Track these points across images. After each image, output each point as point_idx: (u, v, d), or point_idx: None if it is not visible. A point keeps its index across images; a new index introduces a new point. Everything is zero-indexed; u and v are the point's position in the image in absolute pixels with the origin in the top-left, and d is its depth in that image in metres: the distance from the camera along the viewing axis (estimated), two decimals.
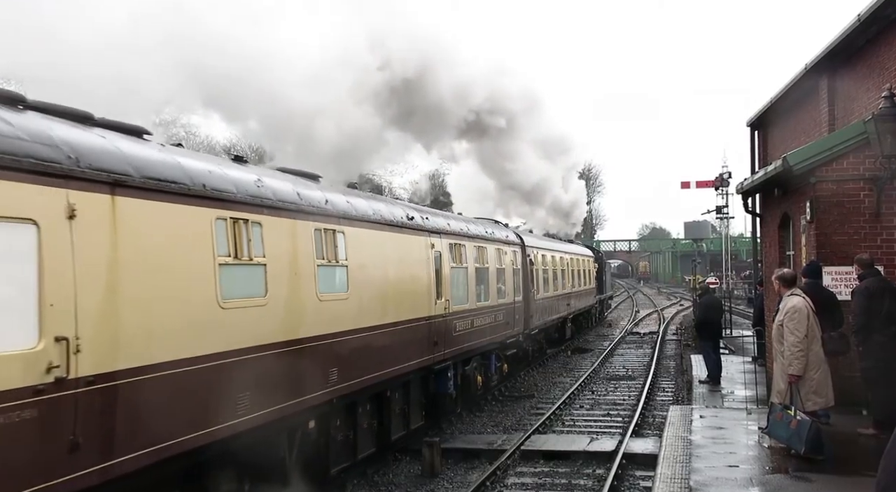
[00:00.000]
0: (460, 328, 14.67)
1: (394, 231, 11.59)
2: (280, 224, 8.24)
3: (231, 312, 7.23)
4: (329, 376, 9.21)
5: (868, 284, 9.92)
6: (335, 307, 9.41)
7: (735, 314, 29.65)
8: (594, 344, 30.17)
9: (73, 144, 5.57)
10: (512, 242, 19.43)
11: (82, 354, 5.39)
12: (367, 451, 10.96)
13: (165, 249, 6.41)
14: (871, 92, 13.01)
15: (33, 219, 5.11)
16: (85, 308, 5.45)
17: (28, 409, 4.90)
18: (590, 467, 11.90)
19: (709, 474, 8.50)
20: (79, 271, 5.42)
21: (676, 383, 19.61)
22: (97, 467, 5.47)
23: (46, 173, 5.18)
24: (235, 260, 7.34)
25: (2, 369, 4.69)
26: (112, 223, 5.80)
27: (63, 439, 5.18)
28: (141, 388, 5.99)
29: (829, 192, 11.77)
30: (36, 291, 5.10)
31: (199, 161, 7.41)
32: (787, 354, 8.70)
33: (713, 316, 17.23)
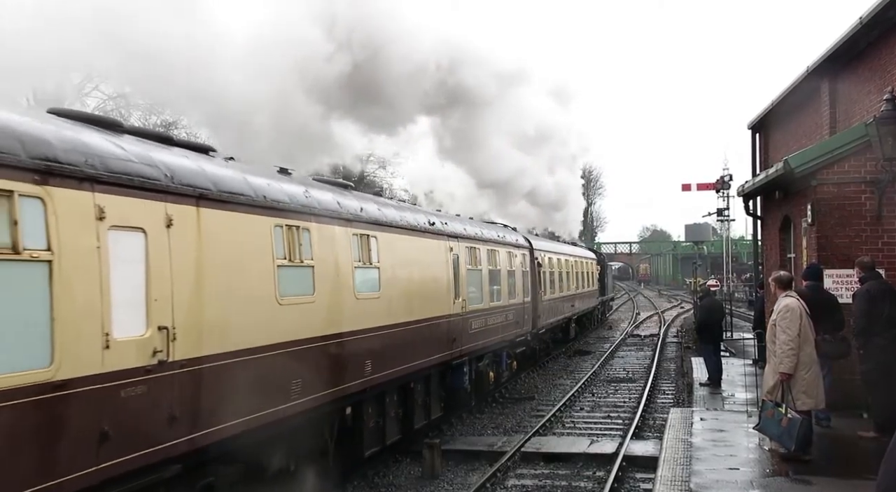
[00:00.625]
0: (475, 327, 15.65)
1: (418, 236, 12.70)
2: (324, 230, 9.34)
3: (287, 308, 8.30)
4: (364, 367, 10.25)
5: (869, 287, 9.92)
6: (369, 305, 10.50)
7: (736, 317, 29.60)
8: (595, 346, 30.17)
9: (168, 163, 6.65)
10: (521, 246, 20.38)
11: (177, 342, 6.46)
12: (394, 437, 11.90)
13: (236, 252, 7.45)
14: (872, 95, 13.03)
15: (142, 228, 6.21)
16: (179, 303, 6.52)
17: (140, 385, 5.99)
18: (590, 469, 11.88)
19: (709, 477, 8.48)
20: (174, 271, 6.48)
21: (677, 386, 19.59)
22: (187, 437, 6.57)
23: (151, 189, 6.25)
24: (290, 262, 8.46)
25: (124, 352, 5.82)
26: (197, 230, 6.86)
27: (164, 412, 6.27)
28: (219, 372, 7.01)
29: (830, 194, 11.77)
30: (144, 288, 6.18)
31: (258, 176, 8.43)
32: (779, 353, 8.76)
33: (714, 318, 17.21)
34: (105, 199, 5.79)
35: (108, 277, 5.78)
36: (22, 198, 5.04)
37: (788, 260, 14.98)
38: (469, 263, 15.40)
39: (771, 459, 9.15)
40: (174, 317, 6.43)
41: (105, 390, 5.67)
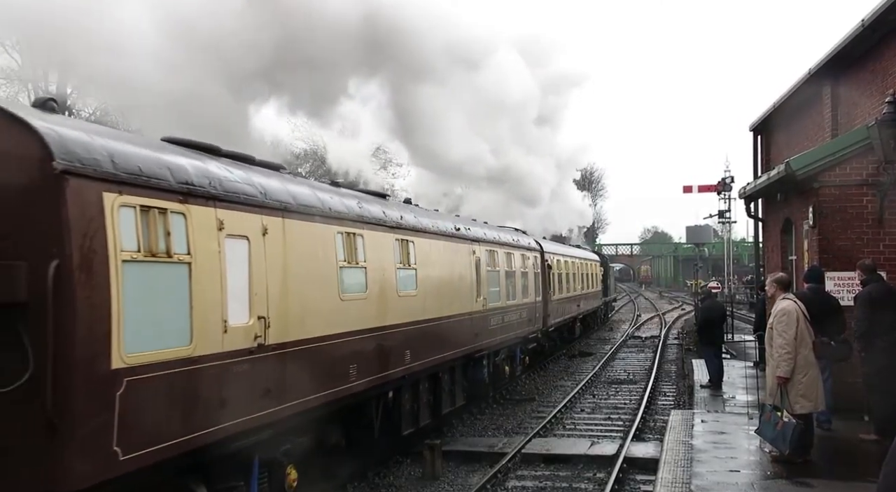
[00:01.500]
0: (494, 323, 16.88)
1: (447, 240, 14.09)
2: (374, 236, 10.66)
3: (347, 303, 9.67)
4: (404, 356, 11.58)
5: (871, 290, 9.89)
6: (408, 302, 11.83)
7: (737, 319, 29.58)
8: (595, 348, 30.12)
9: (262, 183, 8.08)
10: (532, 248, 21.67)
11: (271, 329, 7.76)
12: (426, 421, 13.19)
13: (310, 255, 8.80)
14: (874, 97, 13.01)
15: (246, 236, 7.51)
16: (271, 297, 7.84)
17: (246, 363, 7.31)
18: (591, 471, 11.84)
19: (710, 479, 8.46)
20: (268, 271, 7.81)
21: (678, 388, 19.50)
22: (276, 408, 7.90)
23: (252, 204, 7.61)
24: (349, 264, 9.84)
25: (236, 336, 7.19)
26: (283, 238, 8.19)
27: (261, 386, 7.60)
28: (299, 355, 8.35)
29: (831, 197, 11.75)
30: (248, 285, 7.45)
31: (324, 191, 9.93)
32: (776, 356, 8.74)
33: (715, 320, 17.17)
34: (223, 213, 7.18)
35: (225, 275, 7.11)
36: (172, 214, 6.39)
37: (790, 262, 14.96)
38: (488, 265, 16.65)
39: (772, 461, 9.13)
40: (268, 308, 7.79)
41: (223, 365, 7.05)
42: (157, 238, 6.29)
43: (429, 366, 12.70)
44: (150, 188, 6.21)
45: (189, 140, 7.82)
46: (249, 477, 7.72)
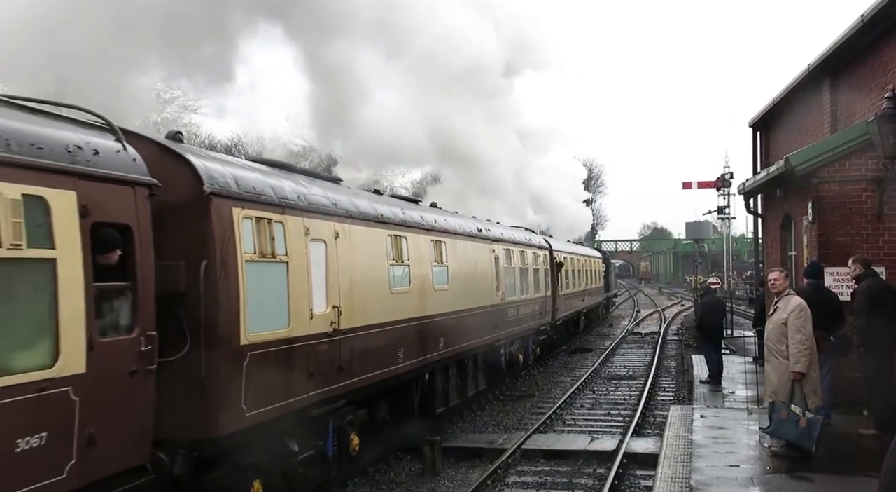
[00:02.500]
0: (511, 316, 18.71)
1: (471, 240, 15.96)
2: (415, 238, 12.53)
3: (395, 296, 11.48)
4: (439, 343, 13.38)
5: (870, 285, 9.96)
6: (442, 296, 13.58)
7: (736, 315, 29.67)
8: (595, 344, 30.22)
9: (333, 196, 9.96)
10: (543, 247, 23.77)
11: (342, 316, 9.55)
12: (455, 401, 15.14)
13: (368, 255, 10.56)
14: (873, 92, 13.05)
15: (324, 239, 9.31)
16: (342, 289, 9.65)
17: (325, 344, 9.10)
18: (591, 467, 11.95)
19: (710, 474, 8.55)
20: (339, 268, 9.61)
21: (677, 383, 19.65)
22: (346, 382, 9.74)
23: (327, 214, 9.49)
24: (396, 262, 11.63)
25: (318, 321, 8.96)
26: (349, 240, 9.99)
27: (336, 364, 9.41)
28: (361, 339, 10.15)
29: (831, 193, 11.83)
30: (325, 280, 9.24)
31: (375, 200, 11.85)
32: (794, 352, 8.74)
33: (714, 316, 17.27)
34: (308, 221, 8.94)
35: (310, 272, 8.82)
36: (275, 223, 8.14)
37: (789, 258, 15.02)
38: (506, 262, 18.40)
39: (771, 456, 9.17)
40: (340, 299, 9.59)
41: (310, 345, 8.79)
42: (266, 243, 8.06)
43: (458, 352, 14.64)
44: (261, 203, 8.00)
45: (268, 159, 9.86)
46: (326, 439, 9.54)
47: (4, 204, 4.89)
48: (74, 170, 5.57)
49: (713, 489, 8.07)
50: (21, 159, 5.08)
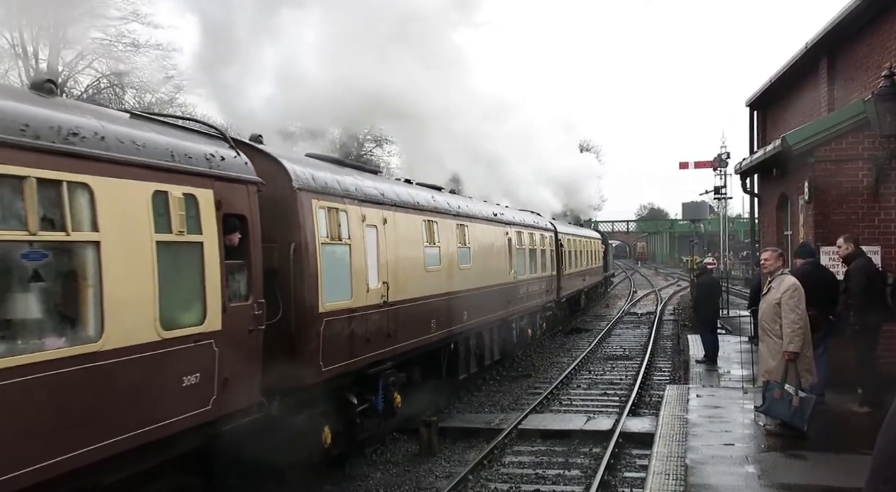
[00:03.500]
0: (521, 293, 20.72)
1: (488, 224, 17.92)
2: (444, 222, 14.49)
3: (429, 273, 13.41)
4: (463, 316, 15.20)
5: (865, 264, 10.01)
6: (465, 274, 15.46)
7: (732, 295, 29.81)
8: (592, 324, 30.40)
9: (381, 187, 11.91)
10: (548, 229, 25.83)
11: (390, 290, 11.38)
12: (474, 369, 17.08)
13: (408, 238, 12.47)
14: (870, 71, 13.12)
15: (375, 225, 11.13)
16: (389, 268, 11.45)
17: (377, 314, 10.97)
18: (587, 446, 12.20)
19: (705, 453, 8.73)
20: (387, 249, 11.41)
21: (673, 363, 19.90)
22: (393, 347, 11.64)
23: (378, 203, 11.44)
24: (429, 244, 13.52)
25: (372, 294, 10.85)
26: (394, 224, 11.84)
27: (385, 331, 11.27)
28: (404, 310, 12.04)
29: (827, 172, 11.91)
30: (376, 259, 11.02)
31: (411, 188, 13.89)
32: (788, 332, 8.86)
33: (711, 296, 17.36)
34: (364, 209, 10.83)
35: (366, 252, 10.71)
36: (340, 211, 10.09)
37: (785, 237, 15.08)
38: (517, 244, 20.35)
39: (766, 434, 9.27)
40: (388, 276, 11.39)
41: (367, 314, 10.66)
42: (335, 228, 9.89)
43: (478, 325, 16.61)
44: (331, 195, 9.92)
45: (323, 155, 11.54)
46: (376, 395, 11.31)
47: (174, 201, 6.69)
48: (212, 173, 7.38)
49: (708, 468, 8.20)
50: (182, 167, 6.91)
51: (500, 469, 11.34)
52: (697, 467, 8.32)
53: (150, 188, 6.50)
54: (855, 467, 7.38)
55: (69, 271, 5.73)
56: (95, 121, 6.17)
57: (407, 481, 10.93)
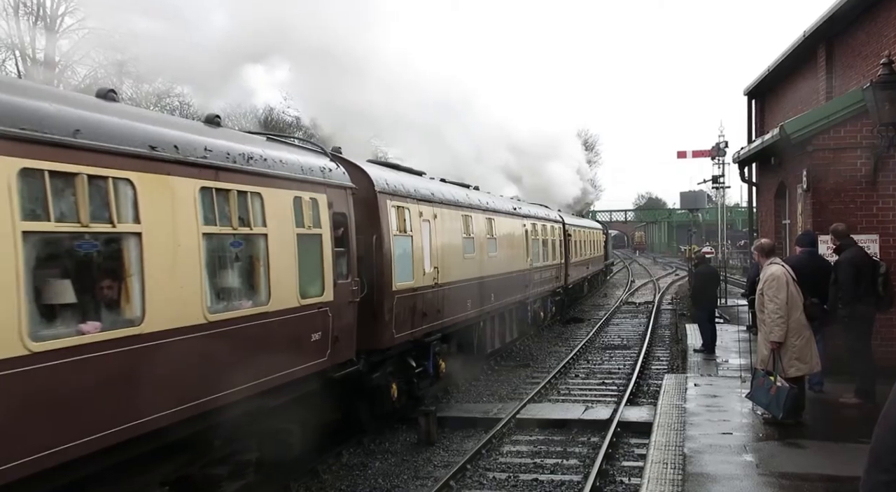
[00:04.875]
0: (536, 279, 23.81)
1: (509, 217, 20.85)
2: (476, 216, 17.08)
3: (466, 260, 15.99)
4: (490, 298, 17.96)
5: (854, 255, 10.13)
6: (493, 261, 18.26)
7: (730, 284, 29.96)
8: (590, 313, 30.70)
9: (431, 187, 14.79)
10: (557, 221, 28.99)
11: (439, 274, 14.13)
12: (497, 346, 20.05)
13: (450, 230, 15.16)
14: (869, 59, 13.20)
15: (429, 219, 13.88)
16: (438, 254, 14.07)
17: (430, 294, 13.70)
18: (585, 435, 12.45)
19: (703, 442, 8.90)
20: (437, 239, 14.13)
21: (671, 352, 20.18)
22: (441, 321, 14.29)
23: (430, 201, 14.15)
24: (467, 236, 16.20)
25: (426, 277, 13.45)
26: (441, 219, 14.58)
27: (435, 307, 14.01)
28: (449, 291, 14.75)
29: (825, 160, 12.03)
30: (429, 247, 13.68)
31: (451, 187, 16.48)
32: (768, 322, 9.09)
33: (709, 286, 17.42)
34: (421, 207, 13.53)
35: (423, 242, 13.31)
36: (405, 209, 12.73)
37: (783, 226, 15.11)
38: (532, 234, 23.38)
39: (764, 423, 9.37)
40: (438, 262, 14.09)
41: (423, 293, 13.36)
42: (401, 222, 12.54)
43: (502, 306, 19.61)
44: (398, 195, 12.59)
45: (381, 160, 14.36)
46: (427, 361, 13.93)
47: (305, 204, 9.35)
48: (325, 182, 10.03)
49: (706, 457, 8.31)
50: (308, 178, 9.59)
51: (499, 458, 11.67)
52: (695, 456, 8.49)
53: (292, 194, 9.24)
54: (853, 456, 7.49)
55: (252, 256, 8.46)
56: (258, 148, 8.86)
57: (405, 470, 11.41)
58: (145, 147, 6.72)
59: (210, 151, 7.70)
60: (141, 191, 6.57)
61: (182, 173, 7.24)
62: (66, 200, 5.93)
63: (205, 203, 7.49)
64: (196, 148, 7.51)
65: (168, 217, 6.97)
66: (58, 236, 5.94)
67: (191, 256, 7.26)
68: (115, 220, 6.28)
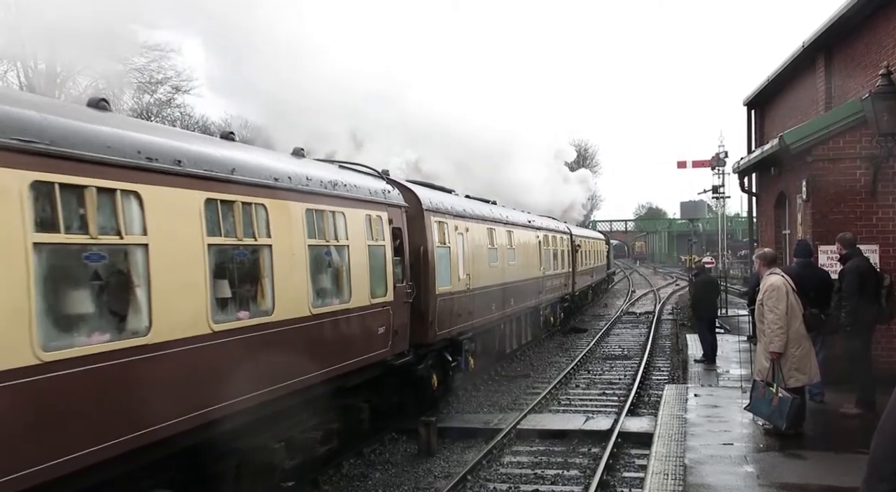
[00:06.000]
0: (547, 286, 26.54)
1: (525, 229, 23.48)
2: (499, 228, 19.75)
3: (491, 269, 18.61)
4: (510, 302, 20.48)
5: (859, 264, 10.14)
6: (512, 269, 20.74)
7: (731, 294, 29.98)
8: (590, 324, 30.74)
9: (464, 205, 17.55)
10: (565, 232, 31.77)
11: (471, 281, 16.81)
12: (514, 346, 22.44)
13: (478, 241, 17.81)
14: (868, 70, 13.30)
15: (462, 232, 16.50)
16: (469, 263, 16.65)
17: (465, 297, 16.38)
18: (585, 446, 12.55)
19: (704, 452, 8.97)
20: (468, 249, 16.75)
21: (672, 363, 20.33)
22: (471, 322, 16.80)
23: (464, 216, 16.90)
24: (491, 246, 18.83)
25: (460, 283, 15.93)
26: (471, 232, 17.29)
27: (467, 310, 16.59)
28: (479, 296, 17.34)
29: (825, 170, 12.15)
30: (462, 257, 16.11)
31: (477, 202, 19.12)
32: (768, 332, 9.15)
33: (709, 296, 17.44)
34: (456, 221, 16.09)
35: (458, 253, 15.89)
36: (444, 223, 15.18)
37: (783, 236, 15.21)
38: (544, 245, 26.14)
39: (764, 434, 9.36)
40: (469, 269, 16.58)
41: (458, 297, 15.87)
42: (442, 235, 14.97)
43: (519, 310, 22.20)
44: (440, 212, 15.20)
45: (418, 180, 16.48)
46: (460, 356, 16.11)
47: (373, 220, 11.54)
48: (386, 202, 12.29)
49: (707, 468, 8.35)
50: (375, 199, 11.85)
51: (499, 469, 11.82)
52: (696, 467, 8.57)
53: (364, 213, 11.55)
54: (853, 467, 7.51)
55: (338, 263, 10.62)
56: (340, 176, 11.08)
57: (406, 481, 11.78)
58: (271, 179, 9.02)
59: (310, 180, 10.08)
60: (272, 213, 8.95)
61: (295, 198, 9.63)
62: (227, 221, 8.07)
63: (309, 221, 9.91)
64: (302, 178, 9.89)
65: (287, 232, 9.35)
66: (224, 247, 8.06)
67: (301, 262, 9.67)
68: (257, 235, 8.58)
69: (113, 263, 6.59)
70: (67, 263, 6.19)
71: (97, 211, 6.23)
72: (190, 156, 7.63)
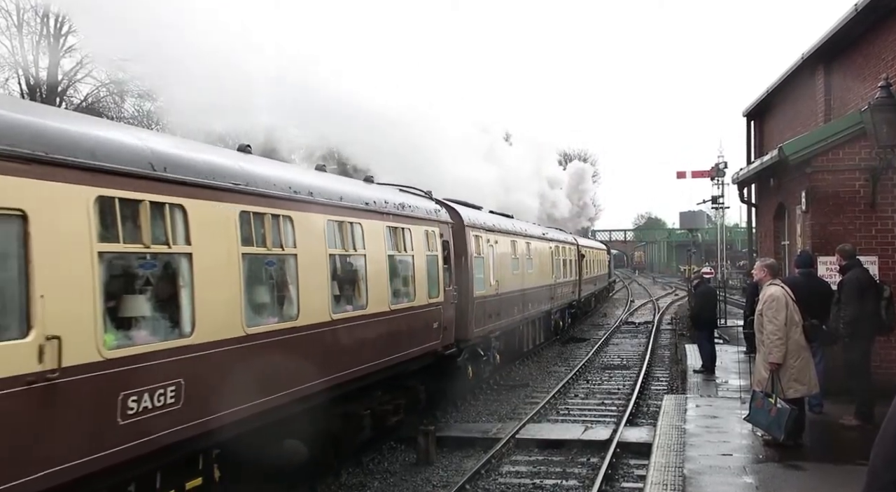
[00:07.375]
0: (558, 292, 29.88)
1: (540, 241, 27.47)
2: (520, 240, 23.60)
3: (514, 275, 22.32)
4: (529, 306, 24.29)
5: (859, 276, 10.33)
6: (530, 276, 24.67)
7: (730, 304, 30.12)
8: (589, 333, 30.82)
9: (494, 220, 21.10)
10: (573, 243, 35.30)
11: (499, 286, 20.59)
12: (528, 347, 25.60)
13: (504, 252, 21.40)
14: (867, 81, 13.44)
15: (492, 244, 19.93)
16: (497, 271, 20.28)
17: (495, 301, 19.90)
18: (584, 456, 12.71)
19: (702, 463, 9.08)
20: (496, 258, 20.46)
21: (671, 373, 20.58)
22: (497, 323, 19.92)
23: (493, 230, 20.64)
24: (514, 256, 22.79)
25: (489, 289, 19.33)
26: (499, 243, 20.76)
27: (497, 311, 20.20)
28: (505, 300, 20.70)
29: (824, 182, 12.30)
30: (492, 266, 19.66)
31: (502, 217, 23.13)
32: (767, 343, 9.28)
33: (708, 306, 17.56)
34: (488, 235, 19.52)
35: (490, 262, 19.52)
36: (479, 237, 18.78)
37: (782, 247, 15.41)
38: (555, 255, 29.85)
39: (763, 445, 9.37)
40: (498, 276, 20.28)
41: (490, 300, 19.25)
42: (478, 247, 18.48)
43: (535, 314, 25.79)
44: (476, 227, 18.73)
45: (453, 198, 17.96)
46: (490, 352, 19.78)
47: (429, 235, 14.33)
48: (437, 219, 15.51)
49: (706, 478, 8.41)
50: (429, 218, 14.68)
51: (498, 479, 11.95)
52: (695, 478, 8.66)
53: (423, 229, 14.58)
54: (852, 478, 7.48)
55: (408, 274, 13.48)
56: (405, 198, 13.89)
57: (404, 490, 12.31)
58: (362, 203, 11.76)
59: (388, 203, 13.14)
60: (365, 230, 11.74)
61: (376, 218, 12.65)
62: (339, 236, 10.92)
63: (388, 237, 12.97)
64: (382, 203, 12.68)
65: (374, 246, 12.22)
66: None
67: (384, 269, 12.67)
68: (355, 247, 11.34)
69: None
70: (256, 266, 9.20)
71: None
72: (315, 188, 10.24)
